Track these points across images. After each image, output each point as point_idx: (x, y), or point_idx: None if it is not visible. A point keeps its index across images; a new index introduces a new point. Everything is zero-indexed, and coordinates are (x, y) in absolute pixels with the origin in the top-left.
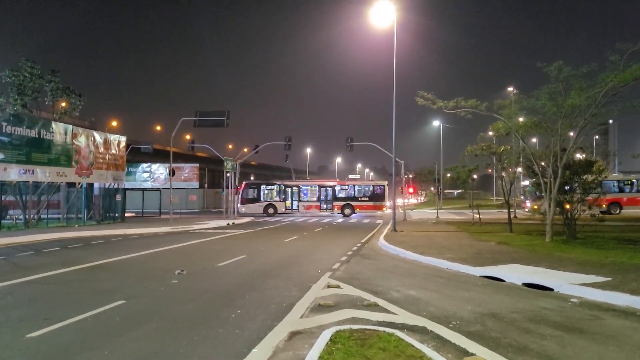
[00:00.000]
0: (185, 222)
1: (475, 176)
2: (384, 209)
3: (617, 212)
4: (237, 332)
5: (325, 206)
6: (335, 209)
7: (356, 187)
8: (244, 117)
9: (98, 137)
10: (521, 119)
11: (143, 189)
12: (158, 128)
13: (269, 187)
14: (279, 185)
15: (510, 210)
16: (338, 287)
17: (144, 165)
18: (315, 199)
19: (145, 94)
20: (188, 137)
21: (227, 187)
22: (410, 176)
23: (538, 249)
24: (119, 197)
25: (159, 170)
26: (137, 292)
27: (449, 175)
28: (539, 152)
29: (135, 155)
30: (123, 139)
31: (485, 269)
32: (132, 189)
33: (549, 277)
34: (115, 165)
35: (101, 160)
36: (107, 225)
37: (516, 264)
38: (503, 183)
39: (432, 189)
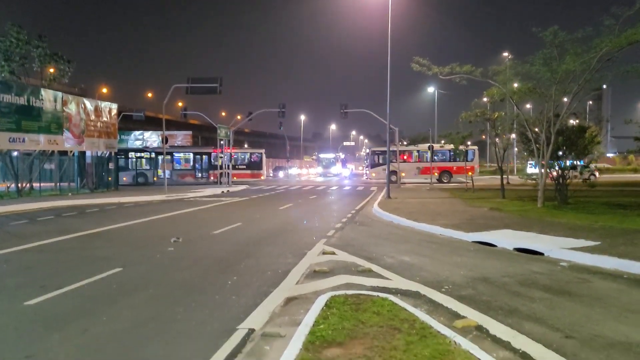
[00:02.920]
0: (179, 190)
1: (469, 143)
2: (262, 177)
3: (447, 180)
4: (234, 299)
5: (200, 175)
6: (212, 177)
7: (230, 156)
8: (238, 85)
9: (89, 104)
10: (515, 85)
11: (150, 157)
12: (149, 95)
13: (139, 154)
14: (150, 152)
15: (504, 176)
16: (333, 253)
17: (136, 132)
18: (190, 167)
19: (136, 61)
20: (180, 104)
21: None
22: (405, 143)
23: (530, 215)
24: (111, 165)
25: (152, 138)
26: (134, 259)
27: (443, 141)
28: (532, 118)
29: (127, 122)
30: (114, 106)
31: (477, 234)
32: (140, 157)
33: (540, 241)
34: (107, 133)
35: (92, 128)
36: (101, 194)
37: (508, 229)
38: (497, 149)
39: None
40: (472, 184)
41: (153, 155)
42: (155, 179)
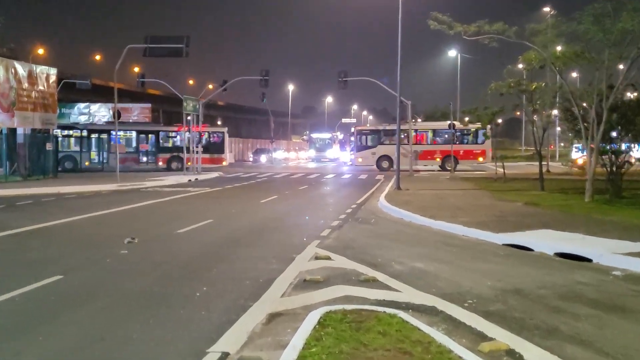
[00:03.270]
0: (135, 178)
1: (500, 120)
2: (224, 162)
3: (451, 167)
4: (203, 314)
5: (145, 159)
6: (160, 162)
7: (187, 135)
8: (210, 47)
9: (21, 69)
10: (559, 48)
11: (80, 136)
12: (98, 58)
13: (65, 132)
14: (80, 130)
15: (543, 162)
16: (328, 258)
17: (81, 105)
18: (132, 149)
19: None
20: (137, 69)
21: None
22: (419, 120)
23: (574, 211)
24: (49, 146)
25: (100, 112)
26: (78, 264)
27: (467, 119)
28: (580, 90)
29: (70, 92)
30: (53, 71)
31: (509, 235)
32: (67, 136)
33: (587, 245)
34: (43, 105)
35: (26, 99)
36: (36, 182)
37: (547, 229)
38: (534, 129)
39: (446, 136)
40: (503, 172)
41: (85, 133)
42: (87, 163)
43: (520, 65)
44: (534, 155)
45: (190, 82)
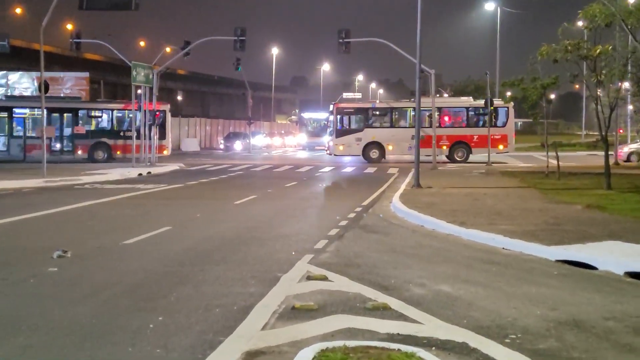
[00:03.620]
0: (69, 171)
1: (552, 96)
2: (165, 151)
3: (462, 158)
4: (159, 353)
5: (60, 146)
6: (80, 151)
7: (115, 114)
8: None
9: None
10: (632, 0)
11: None
12: (18, 12)
13: None
14: None
15: (610, 152)
16: (324, 278)
17: None
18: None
19: None
20: (70, 27)
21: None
22: (446, 95)
23: None
24: None
25: (22, 83)
26: None
27: (508, 94)
28: None
29: None
30: None
31: (565, 248)
32: None
33: None
34: None
35: None
36: None
37: (616, 240)
38: (598, 108)
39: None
40: (557, 165)
41: None
42: None
43: (580, 23)
44: (598, 143)
45: (142, 43)
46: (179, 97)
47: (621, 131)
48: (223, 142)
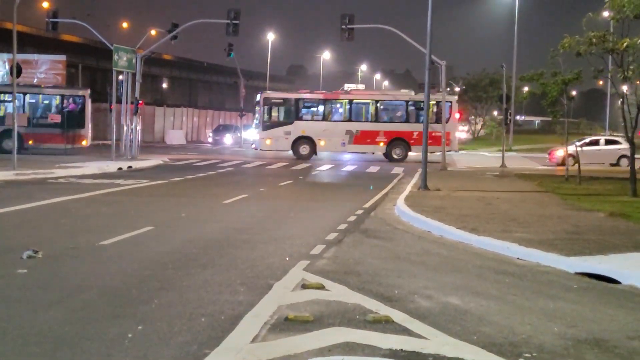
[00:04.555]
0: (41, 164)
1: (574, 92)
2: (84, 141)
3: (400, 156)
4: None
5: None
6: None
7: (27, 99)
8: None
9: None
10: None
11: None
12: None
13: None
14: None
15: (637, 156)
16: (321, 287)
17: None
18: None
19: None
20: (46, 6)
21: (118, 101)
22: (457, 89)
23: None
24: None
25: None
26: None
27: (526, 89)
28: None
29: None
30: None
31: (585, 260)
32: None
33: None
34: None
35: None
36: None
37: None
38: (625, 106)
39: (496, 113)
40: (579, 169)
41: None
42: None
43: (606, 14)
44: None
45: (124, 24)
46: (165, 85)
47: None
48: (212, 135)
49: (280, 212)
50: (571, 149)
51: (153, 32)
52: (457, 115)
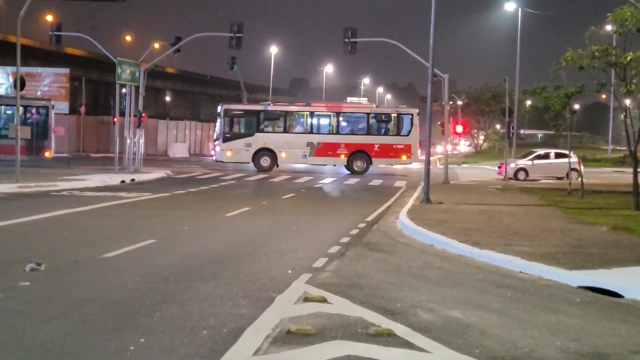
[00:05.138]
0: (44, 176)
1: (577, 106)
2: (47, 153)
3: (362, 168)
4: None
5: None
6: None
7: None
8: None
9: None
10: None
11: None
12: None
13: None
14: None
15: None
16: (323, 300)
17: None
18: None
19: None
20: (50, 19)
21: (121, 114)
22: (460, 103)
23: None
24: None
25: None
26: None
27: (529, 103)
28: None
29: None
30: None
31: (588, 273)
32: None
33: None
34: None
35: None
36: None
37: None
38: (628, 120)
39: (499, 127)
40: (581, 182)
41: None
42: None
43: (609, 27)
44: (626, 159)
45: (128, 38)
46: (168, 98)
47: None
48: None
49: (282, 224)
50: (522, 162)
51: (156, 45)
52: (417, 129)
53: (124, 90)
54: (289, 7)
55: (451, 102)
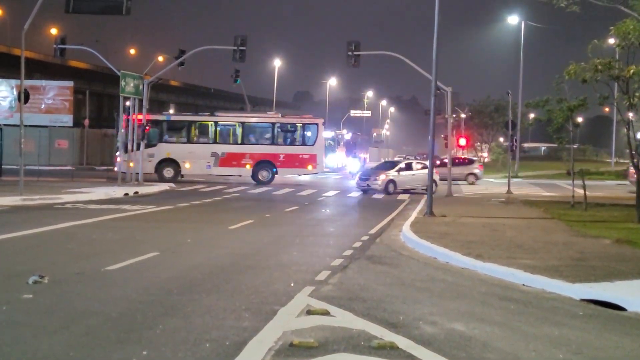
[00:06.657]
0: (48, 189)
1: (580, 119)
2: None
3: (266, 179)
4: None
5: None
6: None
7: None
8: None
9: None
10: None
11: None
12: None
13: None
14: None
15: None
16: (326, 313)
17: None
18: None
19: None
20: (54, 32)
21: (126, 127)
22: (463, 115)
23: None
24: None
25: (0, 91)
26: None
27: (532, 116)
28: None
29: None
30: None
31: (591, 286)
32: None
33: None
34: None
35: None
36: None
37: None
38: (630, 133)
39: (502, 140)
40: (584, 195)
41: None
42: None
43: (612, 41)
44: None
45: (132, 51)
46: (171, 111)
47: None
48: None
49: (285, 237)
50: (391, 173)
51: (160, 58)
52: (323, 138)
53: (128, 103)
54: (293, 21)
55: (454, 115)
